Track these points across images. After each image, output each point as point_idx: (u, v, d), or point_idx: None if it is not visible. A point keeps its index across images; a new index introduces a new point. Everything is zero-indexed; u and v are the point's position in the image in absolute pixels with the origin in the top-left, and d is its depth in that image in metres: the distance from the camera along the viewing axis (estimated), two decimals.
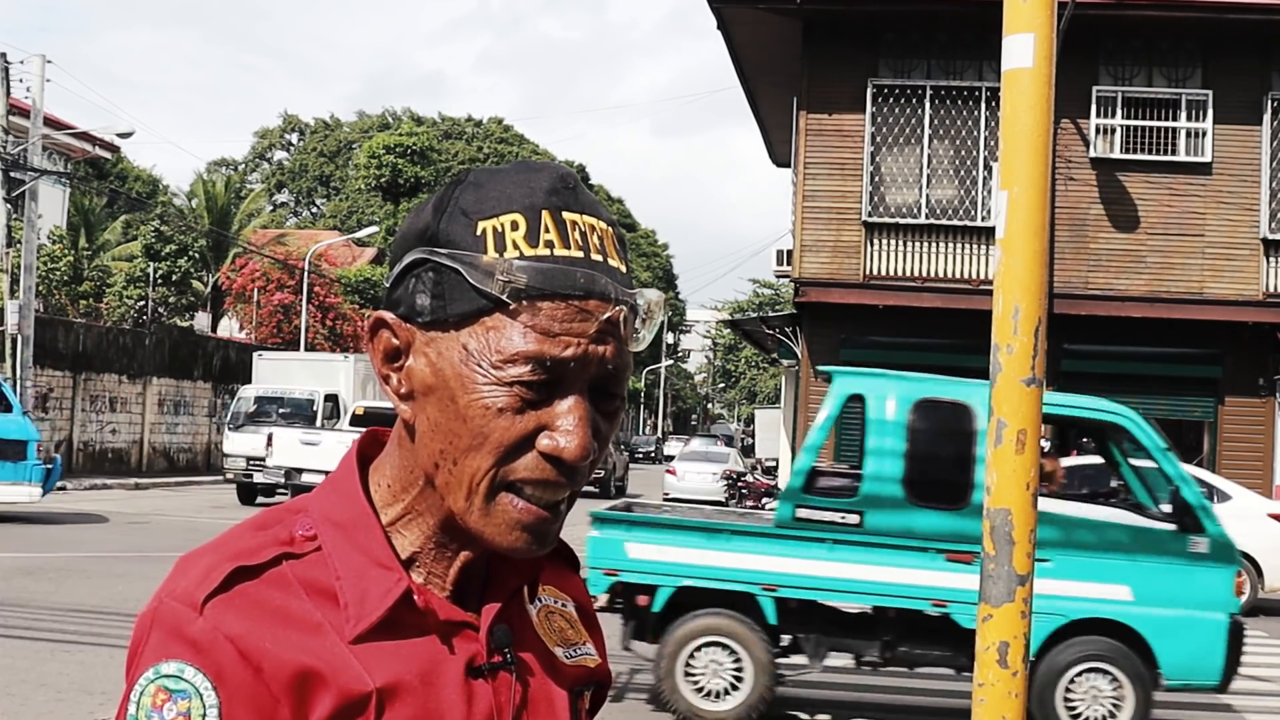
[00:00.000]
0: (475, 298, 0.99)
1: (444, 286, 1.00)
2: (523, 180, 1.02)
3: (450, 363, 1.00)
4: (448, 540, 1.06)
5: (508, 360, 0.98)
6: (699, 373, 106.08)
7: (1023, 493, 2.92)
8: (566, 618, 1.20)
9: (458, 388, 1.00)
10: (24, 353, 24.46)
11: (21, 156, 25.43)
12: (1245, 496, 14.41)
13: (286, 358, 28.23)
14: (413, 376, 1.03)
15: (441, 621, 1.05)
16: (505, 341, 0.99)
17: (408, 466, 1.06)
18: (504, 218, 1.00)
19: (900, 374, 8.02)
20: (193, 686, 0.96)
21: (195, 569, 1.01)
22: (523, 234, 0.99)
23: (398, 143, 49.00)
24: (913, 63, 20.84)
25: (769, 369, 70.33)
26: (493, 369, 0.99)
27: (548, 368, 0.99)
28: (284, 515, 1.06)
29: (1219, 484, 14.57)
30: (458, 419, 1.00)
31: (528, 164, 1.05)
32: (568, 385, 1.00)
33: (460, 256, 0.99)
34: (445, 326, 1.01)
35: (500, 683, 1.06)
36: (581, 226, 1.02)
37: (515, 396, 0.99)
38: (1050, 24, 2.94)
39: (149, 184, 51.32)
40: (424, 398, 1.02)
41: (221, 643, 0.97)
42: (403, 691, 1.01)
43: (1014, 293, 2.93)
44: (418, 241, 1.03)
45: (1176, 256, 20.28)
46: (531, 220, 1.00)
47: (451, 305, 1.00)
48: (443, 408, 1.01)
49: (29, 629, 9.41)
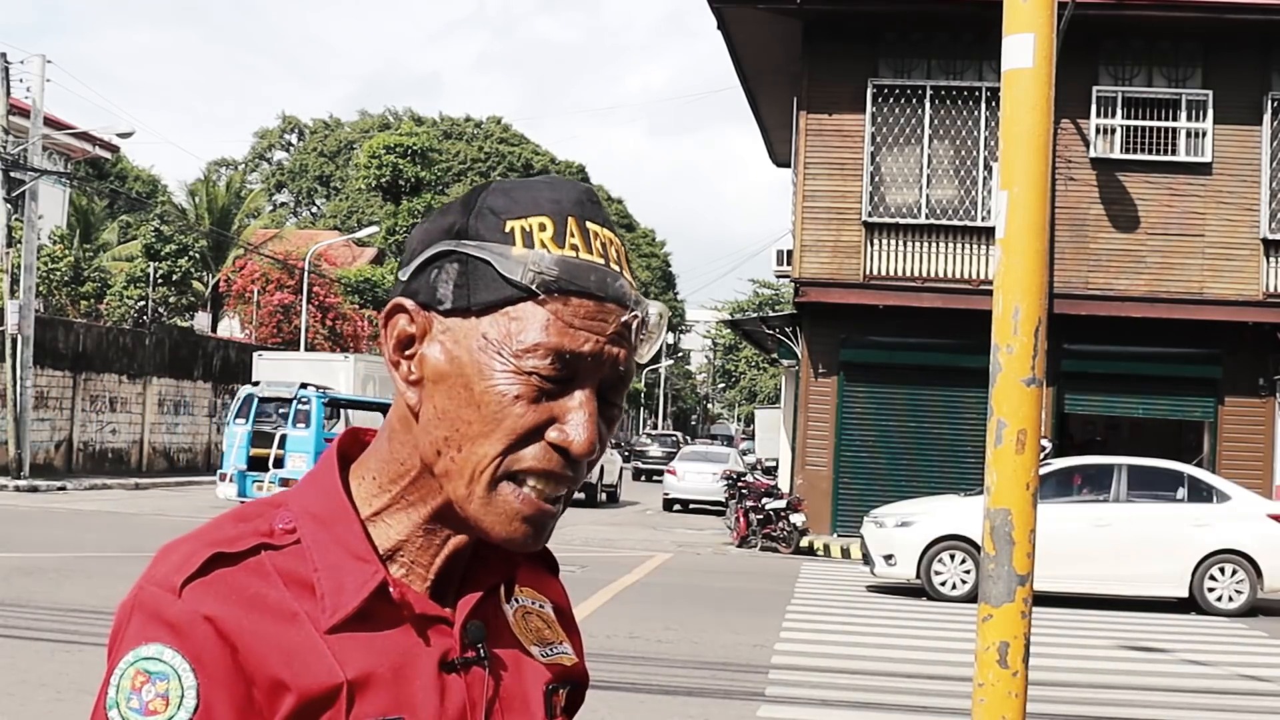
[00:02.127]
0: (502, 287, 1.02)
1: (469, 276, 1.03)
2: (550, 190, 1.06)
3: (467, 350, 1.02)
4: (436, 530, 1.08)
5: (528, 350, 1.01)
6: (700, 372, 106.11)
7: (1023, 493, 2.92)
8: (544, 618, 1.21)
9: (474, 374, 1.02)
10: (24, 353, 24.46)
11: (21, 156, 25.43)
12: (1245, 497, 14.43)
13: (286, 358, 28.19)
14: (426, 363, 1.05)
15: (416, 615, 1.06)
16: (527, 332, 1.01)
17: (399, 458, 1.08)
18: (532, 219, 1.04)
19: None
20: (171, 668, 0.97)
21: (174, 556, 1.03)
22: (550, 235, 1.03)
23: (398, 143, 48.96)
24: (913, 63, 20.83)
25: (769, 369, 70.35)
26: (513, 357, 1.01)
27: (566, 361, 1.01)
28: (264, 509, 1.07)
29: (1219, 485, 14.60)
30: (470, 405, 1.02)
31: (554, 178, 1.09)
32: (580, 381, 1.03)
33: (490, 248, 1.03)
34: (466, 314, 1.03)
35: (473, 678, 1.08)
36: (602, 238, 1.06)
37: (532, 386, 1.01)
38: (1050, 24, 2.94)
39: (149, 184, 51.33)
40: (434, 385, 1.04)
41: (200, 624, 0.98)
42: (375, 683, 1.02)
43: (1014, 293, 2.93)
44: (443, 237, 1.06)
45: (1176, 256, 20.28)
46: (559, 224, 1.04)
47: (475, 294, 1.03)
48: (453, 394, 1.03)
49: (29, 629, 9.41)
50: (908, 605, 13.70)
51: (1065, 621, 12.83)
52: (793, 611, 12.71)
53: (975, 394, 19.08)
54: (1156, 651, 11.38)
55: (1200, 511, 14.16)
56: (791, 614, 12.52)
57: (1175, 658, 11.11)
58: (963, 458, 19.84)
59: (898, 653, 10.53)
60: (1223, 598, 14.01)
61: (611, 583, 14.07)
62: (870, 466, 20.73)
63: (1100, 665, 10.47)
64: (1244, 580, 14.04)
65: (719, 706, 8.27)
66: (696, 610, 12.50)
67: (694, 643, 10.51)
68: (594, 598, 12.68)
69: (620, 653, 9.70)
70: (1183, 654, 11.31)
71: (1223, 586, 14.05)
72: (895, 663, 10.11)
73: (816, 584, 15.41)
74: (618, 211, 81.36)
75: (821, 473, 20.84)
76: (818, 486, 20.73)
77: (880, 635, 11.49)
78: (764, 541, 19.33)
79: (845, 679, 9.34)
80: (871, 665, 9.96)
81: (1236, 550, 14.01)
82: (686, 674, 9.18)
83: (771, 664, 9.77)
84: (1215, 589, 14.04)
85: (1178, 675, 10.25)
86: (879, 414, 20.85)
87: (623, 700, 8.14)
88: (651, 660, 9.62)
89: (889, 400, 20.83)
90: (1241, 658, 11.25)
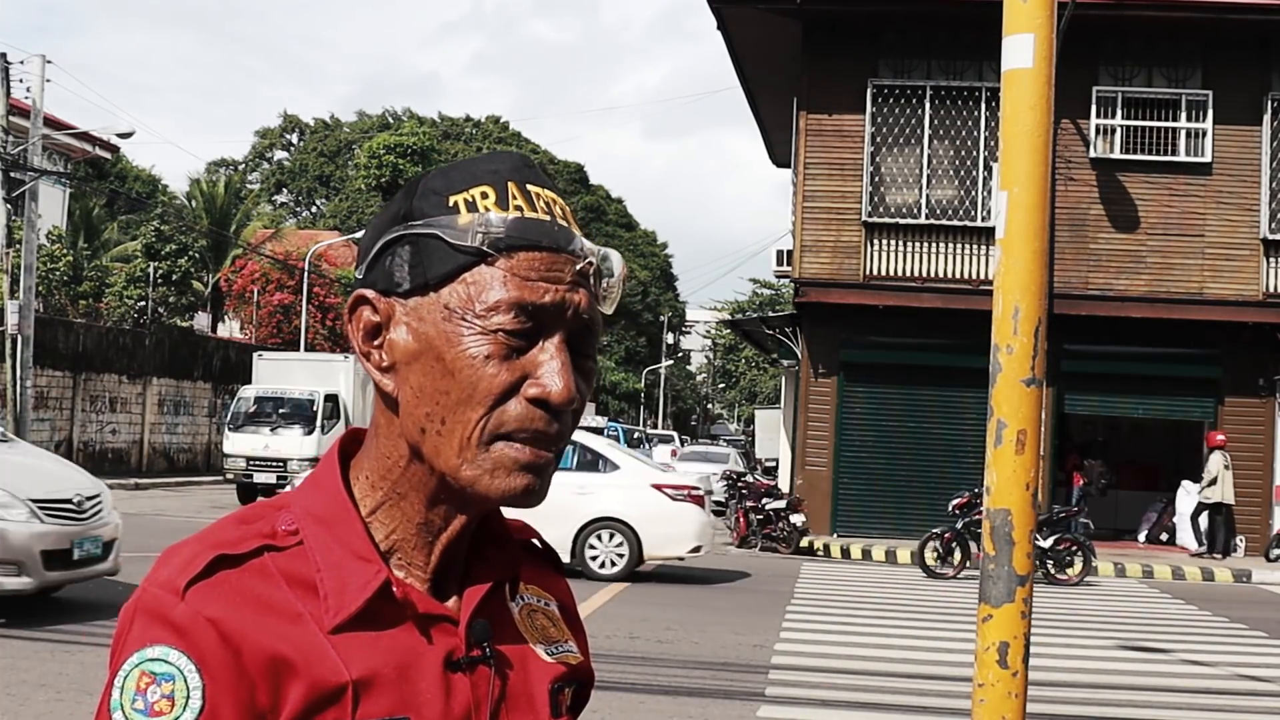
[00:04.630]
0: (454, 256, 1.03)
1: (421, 255, 1.05)
2: (486, 161, 1.08)
3: (434, 324, 1.04)
4: (431, 519, 1.08)
5: (490, 309, 1.02)
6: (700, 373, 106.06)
7: (1022, 493, 2.92)
8: (549, 616, 1.21)
9: (443, 345, 1.03)
10: (24, 353, 24.46)
11: (21, 157, 25.42)
12: (633, 467, 14.77)
13: (286, 358, 28.19)
14: (395, 348, 1.06)
15: (420, 614, 1.06)
16: (487, 292, 1.03)
17: (385, 452, 1.08)
18: (473, 190, 1.06)
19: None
20: (177, 669, 0.97)
21: (178, 558, 1.03)
22: (493, 200, 1.05)
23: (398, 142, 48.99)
24: (913, 63, 20.83)
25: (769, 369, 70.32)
26: (476, 319, 1.03)
27: (530, 313, 1.03)
28: (266, 511, 1.08)
29: (609, 454, 14.86)
30: (445, 375, 1.03)
31: (490, 153, 1.11)
32: (547, 333, 1.04)
33: (436, 222, 1.04)
34: (425, 291, 1.05)
35: (479, 676, 1.08)
36: (545, 198, 1.07)
37: (500, 344, 1.03)
38: (1050, 24, 2.94)
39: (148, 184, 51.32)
40: (406, 367, 1.05)
41: (204, 625, 0.98)
42: (380, 683, 1.02)
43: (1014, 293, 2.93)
44: (390, 224, 1.07)
45: (1176, 256, 20.27)
46: (500, 190, 1.06)
47: (431, 269, 1.04)
48: (427, 370, 1.04)
49: (29, 629, 9.41)
50: (908, 605, 13.70)
51: (1066, 621, 12.82)
52: (793, 611, 12.71)
53: (975, 394, 19.07)
54: (1156, 651, 11.38)
55: (586, 480, 14.40)
56: (791, 614, 12.52)
57: (1175, 658, 11.11)
58: (962, 458, 19.83)
59: (898, 653, 10.53)
60: (604, 564, 14.38)
61: (611, 583, 14.09)
62: (870, 466, 20.73)
63: (1100, 665, 10.47)
64: (624, 546, 14.38)
65: (719, 706, 8.27)
66: (696, 610, 12.50)
67: (694, 643, 10.51)
68: (594, 598, 12.68)
69: (620, 653, 9.70)
70: (1183, 654, 11.30)
71: (603, 552, 14.41)
72: (895, 663, 10.11)
73: (816, 584, 15.41)
74: (618, 212, 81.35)
75: (821, 473, 20.84)
76: (818, 486, 20.72)
77: (880, 635, 11.49)
78: (764, 541, 19.33)
79: (845, 679, 9.34)
80: (871, 665, 9.96)
81: (617, 518, 14.37)
82: (686, 674, 9.18)
83: (771, 664, 9.77)
84: (596, 554, 14.41)
85: (1178, 675, 10.24)
86: (879, 414, 20.85)
87: (623, 700, 8.14)
88: (651, 660, 9.62)
89: (889, 400, 20.83)
90: (1242, 658, 11.24)
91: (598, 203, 78.42)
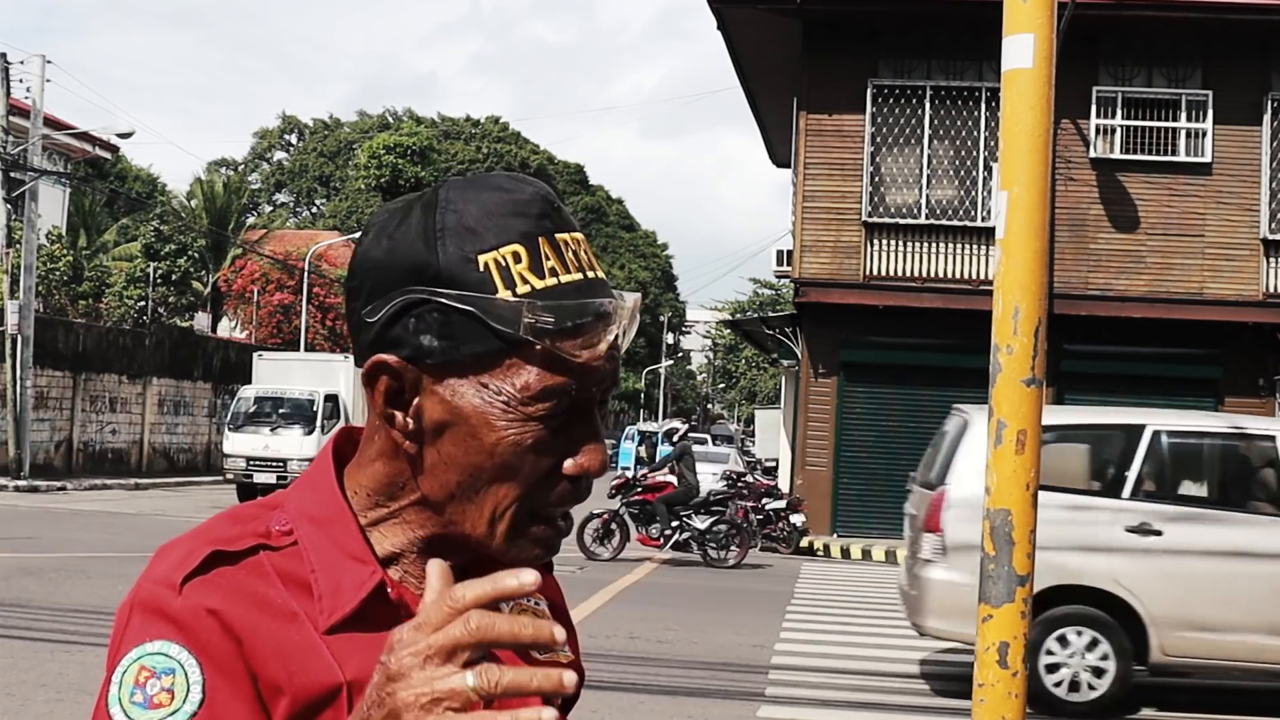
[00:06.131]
0: (492, 339, 0.99)
1: (453, 327, 0.99)
2: (508, 204, 1.01)
3: (468, 400, 1.00)
4: (432, 543, 1.07)
5: (533, 397, 0.99)
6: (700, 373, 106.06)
7: (1023, 493, 2.92)
8: (540, 615, 1.21)
9: (480, 425, 1.00)
10: (24, 353, 24.46)
11: (21, 156, 25.43)
12: None
13: (286, 358, 28.18)
14: (423, 416, 1.02)
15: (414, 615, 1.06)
16: (529, 378, 0.99)
17: (396, 482, 1.06)
18: (504, 250, 0.99)
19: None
20: (177, 662, 0.97)
21: (173, 554, 1.02)
22: (526, 265, 0.99)
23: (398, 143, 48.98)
24: (913, 63, 20.83)
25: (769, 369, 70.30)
26: (519, 405, 0.99)
27: (571, 397, 1.00)
28: (260, 511, 1.07)
29: None
30: (481, 453, 1.00)
31: (504, 183, 1.04)
32: (583, 404, 1.02)
33: (474, 300, 0.98)
34: (457, 365, 1.00)
35: None
36: (572, 245, 1.02)
37: (542, 430, 1.00)
38: (1050, 24, 2.94)
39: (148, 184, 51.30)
40: (435, 434, 1.02)
41: (204, 617, 0.98)
42: None
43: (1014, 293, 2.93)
44: (410, 277, 1.00)
45: (1176, 256, 20.27)
46: (532, 250, 1.00)
47: (465, 346, 0.99)
48: (460, 443, 1.01)
49: (29, 629, 9.41)
50: None
51: None
52: (793, 611, 12.71)
53: (975, 394, 19.00)
54: None
55: None
56: (791, 614, 12.52)
57: None
58: None
59: (898, 653, 10.53)
60: None
61: (611, 583, 14.07)
62: (870, 466, 20.72)
63: None
64: None
65: (719, 706, 8.27)
66: (696, 610, 12.50)
67: (694, 643, 10.51)
68: (594, 598, 12.67)
69: (620, 653, 9.70)
70: None
71: None
72: (895, 663, 10.11)
73: (816, 584, 15.41)
74: (618, 213, 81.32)
75: (821, 473, 20.83)
76: (818, 486, 20.72)
77: (880, 635, 11.48)
78: (764, 541, 19.32)
79: (845, 679, 9.34)
80: (871, 665, 9.97)
81: None
82: (686, 674, 9.18)
83: (771, 664, 9.77)
84: None
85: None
86: (879, 414, 20.84)
87: (622, 700, 8.14)
88: (651, 660, 9.62)
89: (889, 400, 20.82)
90: None
91: (598, 204, 78.36)
